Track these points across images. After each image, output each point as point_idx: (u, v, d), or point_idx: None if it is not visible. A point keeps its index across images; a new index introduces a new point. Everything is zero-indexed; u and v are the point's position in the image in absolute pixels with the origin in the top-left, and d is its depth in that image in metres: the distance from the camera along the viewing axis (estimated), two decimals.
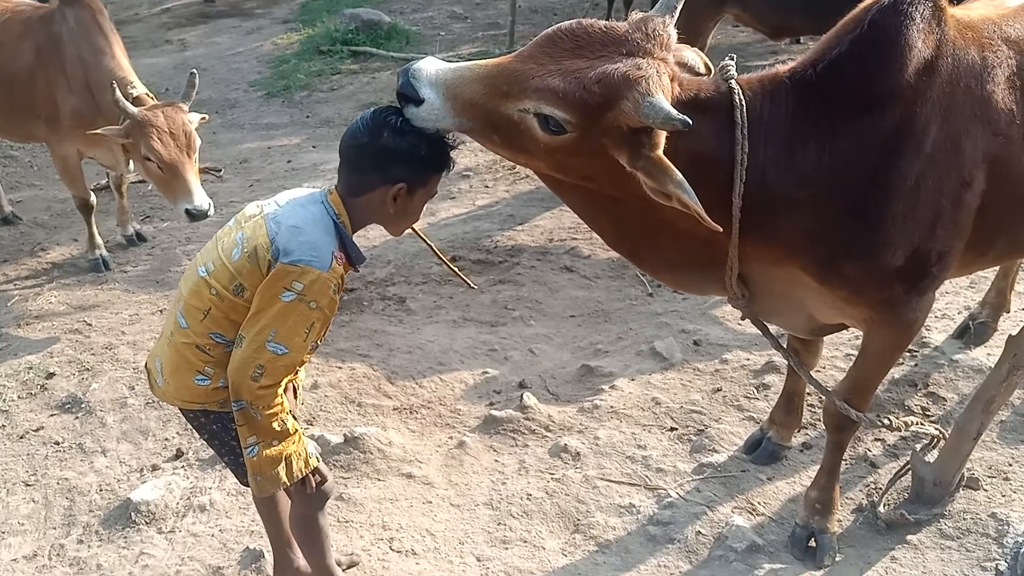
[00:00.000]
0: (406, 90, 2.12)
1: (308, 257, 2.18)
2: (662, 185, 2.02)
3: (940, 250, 2.40)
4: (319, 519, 2.57)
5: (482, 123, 2.14)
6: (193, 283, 2.33)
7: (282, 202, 2.34)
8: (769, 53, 7.89)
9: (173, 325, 2.36)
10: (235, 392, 2.23)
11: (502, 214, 5.54)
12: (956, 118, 2.29)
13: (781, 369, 3.65)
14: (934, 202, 2.32)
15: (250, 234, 2.26)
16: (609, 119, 2.01)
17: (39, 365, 4.19)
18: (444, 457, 3.43)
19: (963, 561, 2.77)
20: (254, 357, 2.19)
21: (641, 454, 3.34)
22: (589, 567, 2.85)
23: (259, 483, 2.33)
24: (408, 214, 2.37)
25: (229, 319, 2.28)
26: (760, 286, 2.53)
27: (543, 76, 2.03)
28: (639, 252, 2.51)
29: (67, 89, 4.71)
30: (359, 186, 2.28)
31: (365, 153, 2.24)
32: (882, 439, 3.31)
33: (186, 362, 2.33)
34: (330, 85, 8.81)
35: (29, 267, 5.36)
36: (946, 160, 2.30)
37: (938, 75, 2.26)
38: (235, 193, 6.43)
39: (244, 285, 2.24)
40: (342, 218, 2.27)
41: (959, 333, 3.82)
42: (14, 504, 3.29)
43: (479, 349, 4.15)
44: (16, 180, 6.93)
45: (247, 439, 2.28)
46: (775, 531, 2.94)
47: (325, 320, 2.26)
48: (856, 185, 2.28)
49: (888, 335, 2.59)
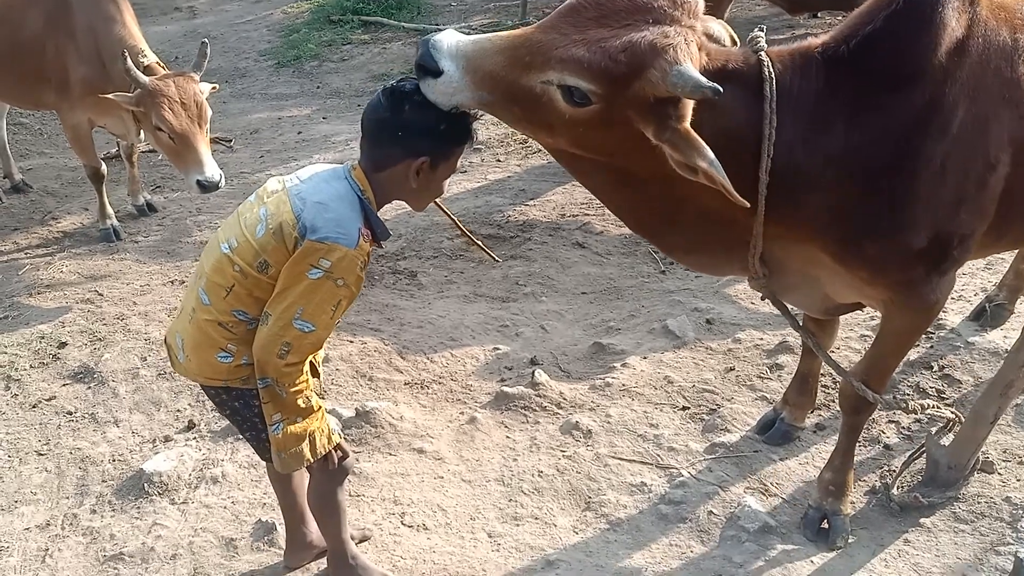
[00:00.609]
0: (426, 61, 2.06)
1: (335, 234, 2.16)
2: (689, 158, 1.98)
3: (963, 232, 2.36)
4: (338, 495, 2.57)
5: (502, 96, 2.09)
6: (216, 259, 2.31)
7: (304, 177, 2.31)
8: (785, 27, 7.79)
9: (195, 301, 2.34)
10: (260, 370, 2.23)
11: (514, 188, 5.51)
12: (984, 99, 2.25)
13: (795, 349, 3.62)
14: (959, 184, 2.29)
15: (274, 210, 2.23)
16: (635, 89, 1.97)
17: (51, 334, 4.19)
18: (455, 433, 3.42)
19: (976, 545, 2.76)
20: (281, 335, 2.18)
21: (653, 433, 3.33)
22: (600, 545, 2.85)
23: (283, 460, 2.33)
24: (431, 189, 2.34)
25: (253, 296, 2.26)
26: (777, 264, 2.49)
27: (567, 46, 1.98)
28: (659, 232, 2.47)
29: (77, 57, 4.67)
30: (382, 161, 2.25)
31: (387, 127, 2.21)
32: (896, 421, 3.29)
33: (208, 339, 2.31)
34: (340, 55, 8.75)
35: (40, 236, 5.36)
36: (972, 142, 2.26)
37: (968, 55, 2.22)
38: (245, 164, 6.41)
39: (269, 262, 2.22)
40: (367, 194, 2.25)
41: (975, 315, 3.79)
42: (27, 473, 3.30)
43: (490, 325, 4.13)
44: (26, 148, 6.92)
45: (272, 416, 2.28)
46: (788, 512, 2.93)
47: (351, 297, 2.25)
48: (882, 164, 2.25)
49: (907, 317, 2.56)
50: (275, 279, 2.21)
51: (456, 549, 2.86)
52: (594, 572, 2.73)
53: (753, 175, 2.18)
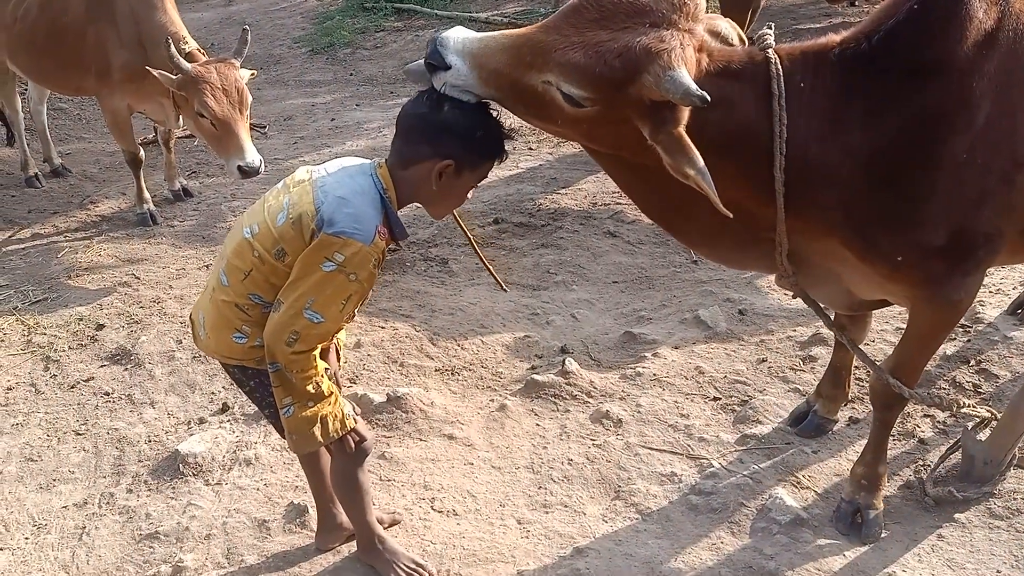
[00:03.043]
0: (434, 58, 2.11)
1: (352, 229, 2.17)
2: (679, 164, 2.00)
3: (987, 231, 2.31)
4: (359, 475, 2.60)
5: (508, 93, 2.13)
6: (237, 243, 2.35)
7: (332, 170, 2.32)
8: (823, 16, 7.69)
9: (216, 281, 2.39)
10: (270, 355, 2.26)
11: (545, 177, 5.50)
12: (1012, 95, 2.20)
13: (828, 341, 3.59)
14: (983, 181, 2.24)
15: (296, 200, 2.26)
16: (631, 92, 1.99)
17: (89, 316, 4.26)
18: (485, 419, 3.44)
19: (1012, 541, 2.72)
20: (290, 323, 2.21)
21: (684, 423, 3.32)
22: (630, 534, 2.85)
23: (295, 441, 2.38)
24: (452, 196, 2.34)
25: (269, 282, 2.29)
26: (801, 261, 2.48)
27: (565, 49, 2.01)
28: (673, 222, 2.47)
29: (118, 43, 4.73)
30: (409, 157, 2.25)
31: (421, 123, 2.22)
32: (931, 416, 3.25)
33: (225, 319, 2.36)
34: (374, 43, 8.78)
35: (79, 219, 5.45)
36: (999, 138, 2.21)
37: (998, 49, 2.17)
38: (279, 151, 6.46)
39: (286, 250, 2.24)
40: (389, 192, 2.26)
41: (1014, 309, 3.73)
42: (65, 452, 3.37)
43: (521, 313, 4.14)
44: (65, 132, 7.03)
45: (283, 400, 2.31)
46: (820, 505, 2.91)
47: (363, 292, 2.27)
48: (903, 159, 2.22)
49: (932, 314, 2.52)
50: (291, 267, 2.24)
51: (485, 535, 2.87)
52: (623, 561, 2.73)
53: (769, 172, 2.17)
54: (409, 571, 2.69)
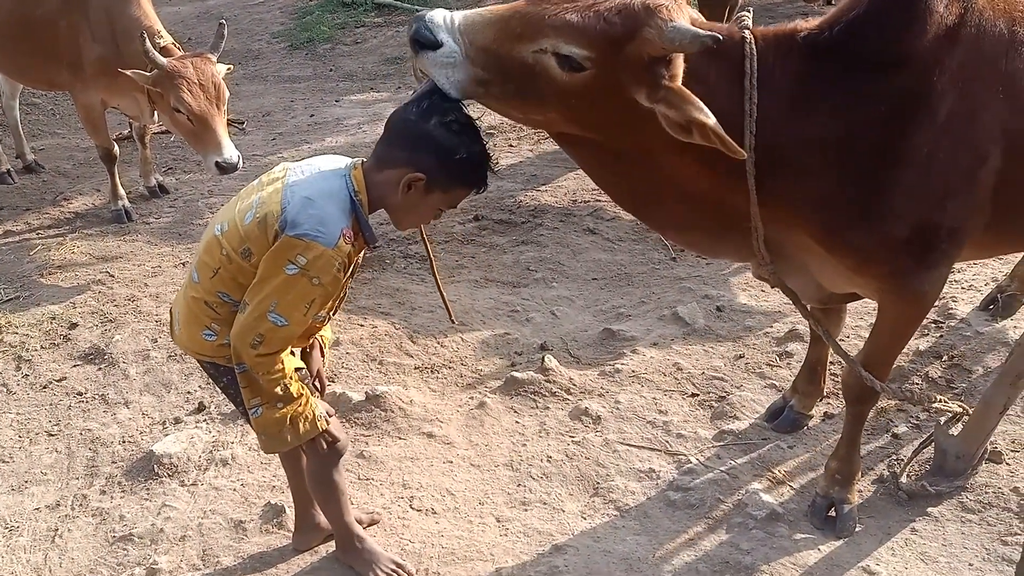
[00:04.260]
0: (421, 36, 2.05)
1: (314, 232, 2.14)
2: (685, 113, 1.99)
3: (950, 225, 2.34)
4: (333, 476, 2.58)
5: (496, 71, 2.08)
6: (208, 240, 2.34)
7: (306, 169, 2.29)
8: (799, 14, 7.72)
9: (188, 277, 2.40)
10: (236, 356, 2.24)
11: (526, 174, 5.49)
12: (975, 90, 2.22)
13: (804, 337, 3.61)
14: (945, 175, 2.26)
15: (266, 199, 2.23)
16: (630, 51, 1.99)
17: (62, 315, 4.21)
18: (465, 417, 3.43)
19: (984, 535, 2.75)
20: (255, 325, 2.19)
21: (662, 419, 3.33)
22: (608, 531, 2.86)
23: (265, 441, 2.37)
24: (415, 211, 2.31)
25: (236, 281, 2.27)
26: (774, 250, 2.49)
27: (559, 13, 2.00)
28: (648, 211, 2.48)
29: (91, 37, 4.67)
30: (385, 160, 2.24)
31: (405, 129, 2.20)
32: (905, 410, 3.28)
33: (195, 316, 2.36)
34: (354, 38, 8.73)
35: (52, 216, 5.38)
36: (960, 133, 2.23)
37: (960, 44, 2.19)
38: (258, 146, 6.41)
39: (252, 250, 2.22)
40: (361, 195, 2.23)
41: (986, 305, 3.77)
42: (37, 454, 3.33)
43: (501, 310, 4.14)
44: (38, 128, 6.94)
45: (250, 400, 2.30)
46: (795, 500, 2.93)
47: (327, 296, 2.25)
48: (865, 152, 2.24)
49: (899, 307, 2.55)
50: (257, 267, 2.22)
51: (464, 533, 2.87)
52: (602, 557, 2.74)
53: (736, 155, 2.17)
54: (389, 571, 2.68)
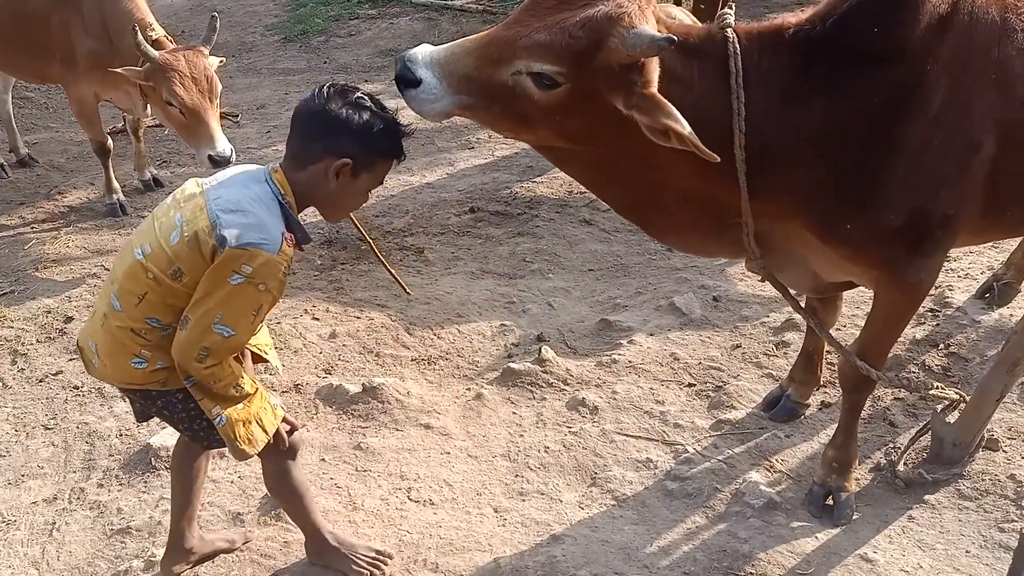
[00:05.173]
0: (403, 74, 2.14)
1: (257, 239, 2.11)
2: (656, 119, 2.02)
3: (945, 213, 2.35)
4: (294, 474, 2.55)
5: (479, 96, 2.16)
6: (128, 265, 2.24)
7: (223, 180, 2.25)
8: (795, 3, 7.71)
9: (107, 307, 2.28)
10: (182, 371, 2.20)
11: (521, 165, 5.48)
12: (968, 80, 2.24)
13: (801, 327, 3.61)
14: (939, 164, 2.28)
15: (190, 216, 2.17)
16: (599, 61, 2.04)
17: (57, 309, 4.20)
18: (462, 408, 3.43)
19: (980, 522, 2.76)
20: (199, 340, 2.15)
21: (659, 409, 3.34)
22: (606, 520, 2.86)
23: (239, 449, 2.29)
24: (348, 197, 2.30)
25: (166, 303, 2.21)
26: (766, 244, 2.50)
27: (530, 34, 2.07)
28: (645, 216, 2.50)
29: (83, 30, 4.64)
30: (303, 156, 2.22)
31: (315, 120, 2.19)
32: (902, 399, 3.29)
33: (121, 346, 2.26)
34: (348, 30, 8.69)
35: (46, 210, 5.35)
36: (954, 122, 2.25)
37: (952, 34, 2.20)
38: (252, 139, 6.39)
39: (182, 270, 2.16)
40: (288, 197, 2.21)
41: (982, 293, 3.78)
42: (34, 447, 3.32)
43: (497, 301, 4.13)
44: (32, 122, 6.90)
45: (211, 410, 2.25)
46: (793, 488, 2.94)
47: (273, 301, 2.23)
48: (859, 142, 2.25)
49: (895, 296, 2.56)
50: (189, 287, 2.16)
51: (462, 524, 2.87)
52: (599, 547, 2.74)
53: (731, 153, 2.19)
54: (369, 561, 2.66)
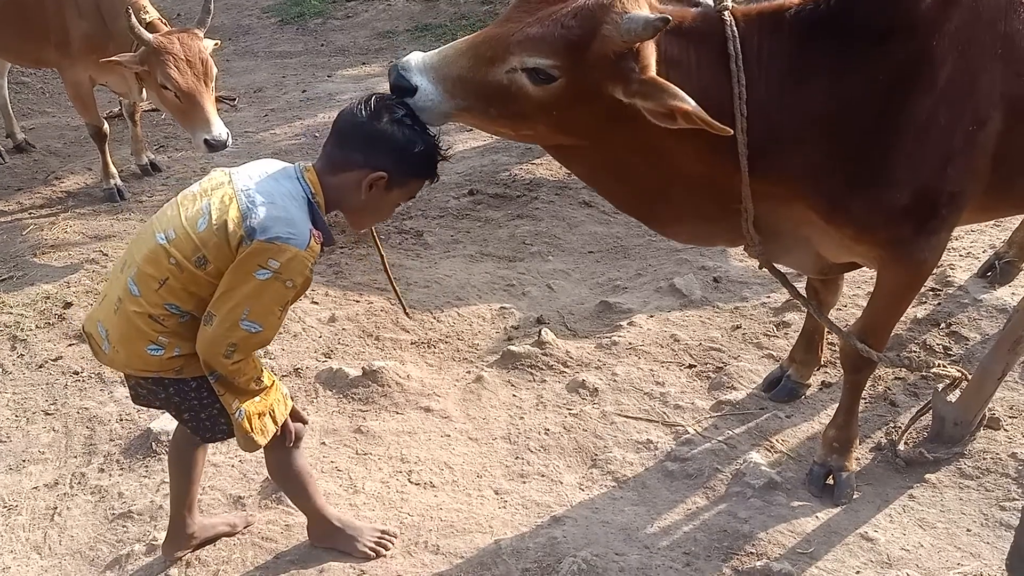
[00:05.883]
0: (399, 82, 2.14)
1: (286, 235, 2.10)
2: (660, 102, 2.00)
3: (951, 190, 2.33)
4: (298, 462, 2.56)
5: (476, 98, 2.14)
6: (149, 250, 2.20)
7: (254, 174, 2.24)
8: None
9: (122, 291, 2.24)
10: (207, 367, 2.19)
11: (520, 147, 5.45)
12: (974, 54, 2.21)
13: (801, 307, 3.60)
14: (946, 141, 2.26)
15: (219, 205, 2.16)
16: (594, 51, 2.01)
17: (56, 294, 4.19)
18: (462, 391, 3.43)
19: (981, 500, 2.76)
20: (226, 336, 2.13)
21: (659, 391, 3.33)
22: (606, 502, 2.86)
23: (251, 440, 2.30)
24: (377, 209, 2.31)
25: (188, 291, 2.18)
26: (768, 227, 2.49)
27: (522, 29, 2.05)
28: (651, 208, 2.48)
29: (77, 13, 4.61)
30: (340, 163, 2.21)
31: (358, 131, 2.18)
32: (902, 378, 3.29)
33: (137, 331, 2.22)
34: (345, 12, 8.64)
35: (44, 196, 5.34)
36: (960, 98, 2.22)
37: (958, 8, 2.18)
38: (249, 123, 6.37)
39: (208, 258, 2.14)
40: (318, 197, 2.20)
41: (984, 272, 3.76)
42: (34, 433, 3.32)
43: (497, 284, 4.12)
44: (28, 107, 6.88)
45: (231, 404, 2.25)
46: (793, 468, 2.94)
47: (297, 297, 2.23)
48: (865, 121, 2.23)
49: (899, 275, 2.54)
50: (213, 276, 2.15)
51: (463, 506, 2.88)
52: (600, 528, 2.75)
53: (732, 137, 2.16)
54: (375, 540, 2.67)
